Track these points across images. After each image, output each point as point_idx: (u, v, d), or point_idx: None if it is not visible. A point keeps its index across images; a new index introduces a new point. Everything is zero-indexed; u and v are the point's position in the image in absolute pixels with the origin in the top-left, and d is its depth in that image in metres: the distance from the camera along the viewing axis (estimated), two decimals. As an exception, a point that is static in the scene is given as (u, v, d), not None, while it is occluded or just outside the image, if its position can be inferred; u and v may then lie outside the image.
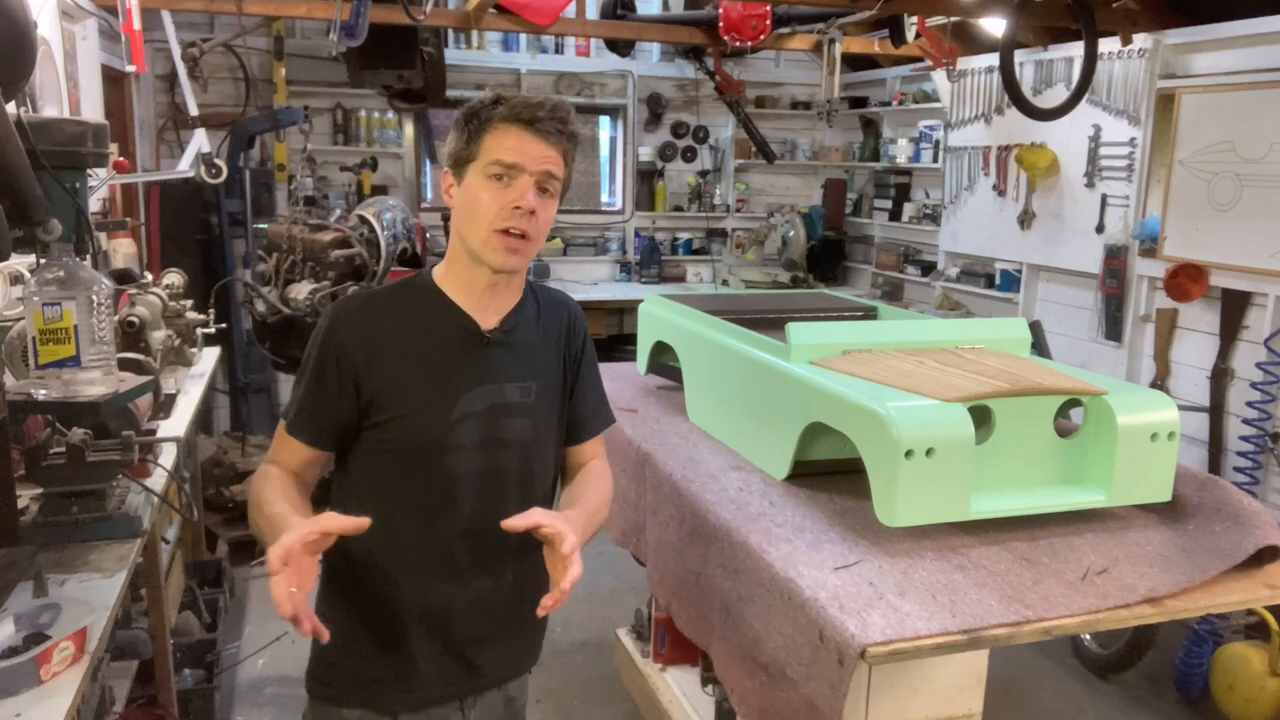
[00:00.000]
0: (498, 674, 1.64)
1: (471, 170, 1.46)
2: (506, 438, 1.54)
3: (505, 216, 1.43)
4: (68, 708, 1.44)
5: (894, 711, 1.99)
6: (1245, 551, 1.63)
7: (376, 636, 1.54)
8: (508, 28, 5.10)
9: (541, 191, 1.45)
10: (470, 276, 1.51)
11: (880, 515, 1.63)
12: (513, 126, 1.44)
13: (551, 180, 1.46)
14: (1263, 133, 3.65)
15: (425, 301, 1.52)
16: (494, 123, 1.45)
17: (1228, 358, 3.89)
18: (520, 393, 1.55)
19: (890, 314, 2.57)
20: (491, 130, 1.45)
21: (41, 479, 1.98)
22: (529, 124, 1.43)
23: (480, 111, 1.46)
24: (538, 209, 1.44)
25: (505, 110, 1.45)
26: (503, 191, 1.43)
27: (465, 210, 1.47)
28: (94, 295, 1.84)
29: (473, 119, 1.47)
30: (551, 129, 1.45)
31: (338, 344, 1.47)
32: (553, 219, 1.51)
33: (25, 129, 1.83)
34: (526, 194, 1.43)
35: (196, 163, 4.36)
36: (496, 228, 1.43)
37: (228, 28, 5.23)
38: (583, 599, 4.09)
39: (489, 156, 1.44)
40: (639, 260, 6.48)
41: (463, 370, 1.50)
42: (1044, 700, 3.46)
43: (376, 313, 1.51)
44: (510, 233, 1.44)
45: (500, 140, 1.44)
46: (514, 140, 1.43)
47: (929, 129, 5.85)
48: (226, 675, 3.36)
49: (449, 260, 1.54)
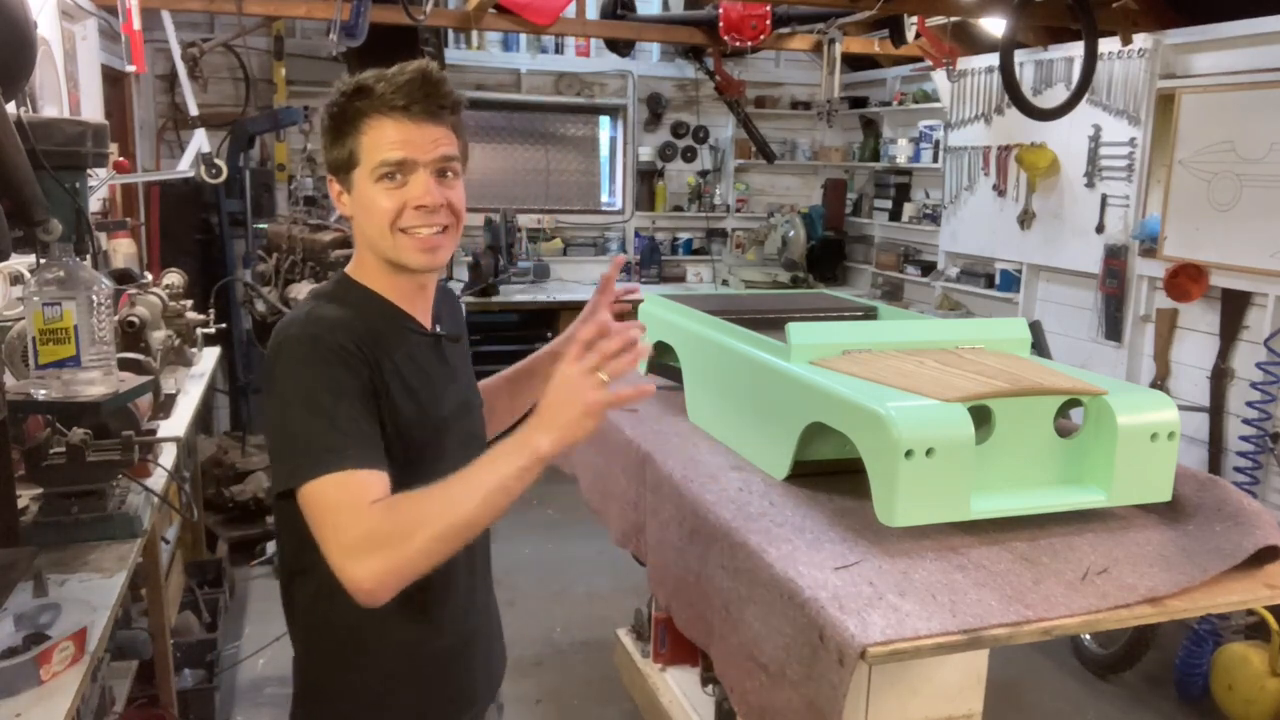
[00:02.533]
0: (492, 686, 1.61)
1: (358, 176, 1.30)
2: (474, 432, 1.50)
3: (410, 219, 1.29)
4: (68, 708, 1.44)
5: (894, 711, 1.99)
6: (1245, 551, 1.63)
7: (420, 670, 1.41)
8: (508, 28, 5.10)
9: (441, 176, 1.31)
10: (396, 281, 1.37)
11: (880, 515, 1.63)
12: (387, 118, 1.27)
13: (449, 161, 1.31)
14: (1263, 133, 3.65)
15: (375, 308, 1.36)
16: (365, 118, 1.28)
17: (1228, 358, 3.89)
18: (469, 387, 1.52)
19: (890, 314, 2.57)
20: (366, 128, 1.28)
21: (41, 479, 1.98)
22: (405, 110, 1.27)
23: (346, 108, 1.29)
24: (445, 198, 1.30)
25: (373, 102, 1.27)
26: (399, 191, 1.28)
27: (366, 219, 1.31)
28: (94, 295, 1.84)
29: (340, 118, 1.30)
30: (432, 107, 1.29)
31: (340, 349, 1.25)
32: (463, 195, 1.35)
33: (25, 129, 1.83)
34: (429, 188, 1.28)
35: (196, 163, 4.36)
36: (405, 231, 1.30)
37: (228, 28, 5.23)
38: (583, 599, 4.09)
39: (373, 158, 1.28)
40: (639, 260, 6.48)
41: (435, 373, 1.41)
42: (1044, 700, 3.46)
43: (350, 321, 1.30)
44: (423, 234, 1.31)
45: (379, 136, 1.27)
46: (394, 133, 1.27)
47: (929, 129, 5.85)
48: (226, 675, 3.36)
49: (365, 268, 1.37)
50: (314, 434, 1.19)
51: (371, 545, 1.12)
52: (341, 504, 1.15)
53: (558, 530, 4.71)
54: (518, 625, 3.84)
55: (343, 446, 1.18)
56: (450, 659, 1.46)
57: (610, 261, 1.76)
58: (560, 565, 4.37)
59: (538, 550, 4.46)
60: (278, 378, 1.24)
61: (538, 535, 4.62)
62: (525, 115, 6.39)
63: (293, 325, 1.28)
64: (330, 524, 1.15)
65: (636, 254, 6.52)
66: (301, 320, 1.29)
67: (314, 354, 1.24)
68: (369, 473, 1.18)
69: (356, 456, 1.18)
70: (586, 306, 1.60)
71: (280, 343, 1.27)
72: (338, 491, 1.16)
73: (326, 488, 1.16)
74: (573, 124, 6.57)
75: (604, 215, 6.67)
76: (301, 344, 1.25)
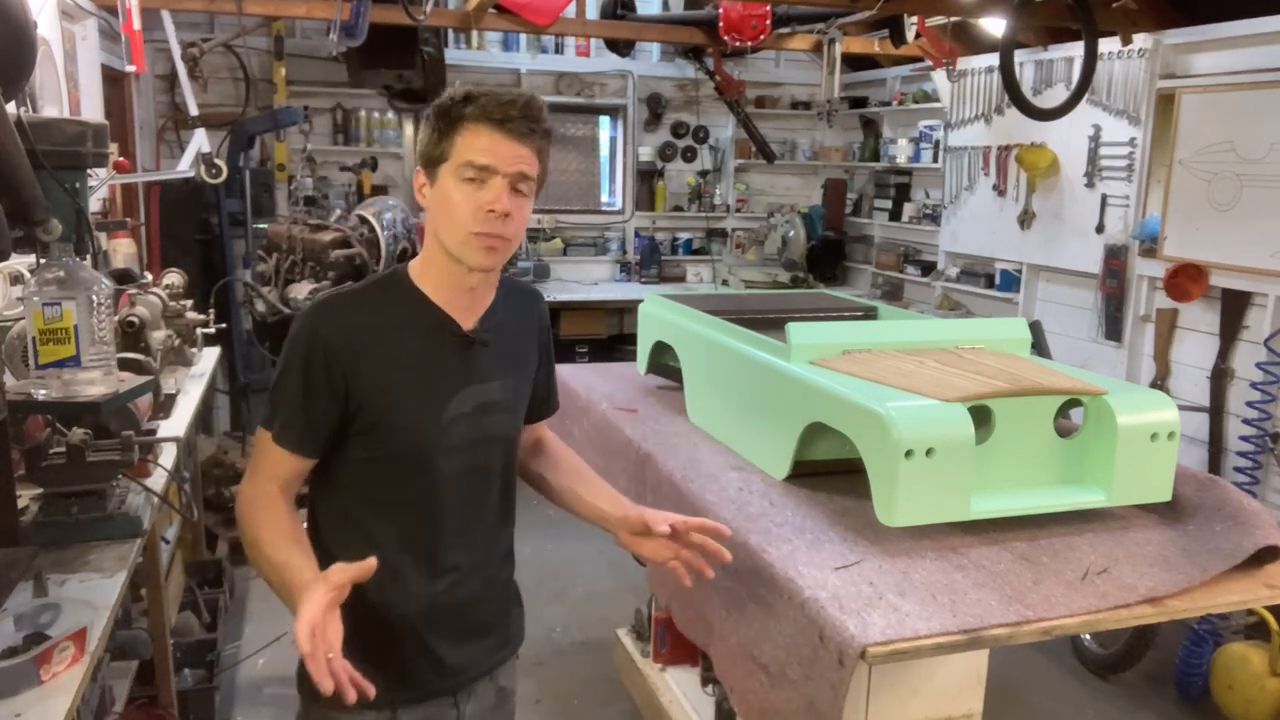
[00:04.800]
0: (488, 663, 1.65)
1: (444, 171, 1.42)
2: (493, 434, 1.55)
3: (480, 220, 1.40)
4: (68, 708, 1.44)
5: (894, 711, 1.99)
6: (1245, 551, 1.63)
7: (370, 639, 1.49)
8: (508, 28, 5.10)
9: (515, 192, 1.42)
10: (450, 276, 1.48)
11: (880, 515, 1.63)
12: (484, 126, 1.40)
13: (525, 180, 1.43)
14: (1263, 133, 3.65)
15: (406, 301, 1.49)
16: (465, 122, 1.40)
17: (1228, 358, 3.89)
18: (502, 390, 1.55)
19: (890, 314, 2.57)
20: (463, 130, 1.41)
21: (41, 479, 1.98)
22: (500, 124, 1.39)
23: (451, 110, 1.42)
24: (512, 210, 1.41)
25: (476, 109, 1.40)
26: (476, 193, 1.40)
27: (440, 212, 1.44)
28: (94, 295, 1.84)
29: (443, 117, 1.42)
30: (524, 128, 1.41)
31: (324, 342, 1.42)
32: (528, 217, 1.48)
33: (25, 129, 1.83)
34: (501, 196, 1.40)
35: (196, 163, 4.36)
36: (472, 230, 1.41)
37: (228, 28, 5.24)
38: (583, 599, 4.09)
39: (461, 158, 1.40)
40: (639, 260, 6.48)
41: (451, 372, 1.49)
42: (1044, 700, 3.46)
43: (359, 311, 1.47)
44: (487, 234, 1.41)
45: (472, 141, 1.40)
46: (486, 141, 1.40)
47: (929, 129, 5.85)
48: (226, 675, 3.36)
49: (426, 260, 1.51)
50: (276, 401, 1.45)
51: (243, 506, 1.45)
52: (258, 458, 1.47)
53: (558, 530, 4.69)
54: (518, 625, 3.84)
55: (285, 420, 1.44)
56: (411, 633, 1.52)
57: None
58: (560, 565, 4.37)
59: (538, 550, 4.46)
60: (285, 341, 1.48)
61: (538, 535, 4.61)
62: (525, 115, 6.39)
63: (311, 305, 1.51)
64: (253, 464, 1.48)
65: (636, 254, 6.52)
66: (316, 305, 1.49)
67: (300, 335, 1.44)
68: (282, 452, 1.44)
69: (286, 435, 1.44)
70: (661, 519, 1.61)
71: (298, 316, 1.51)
72: (262, 448, 1.47)
73: (264, 440, 1.47)
74: (573, 124, 6.57)
75: (604, 215, 6.67)
76: (299, 322, 1.46)
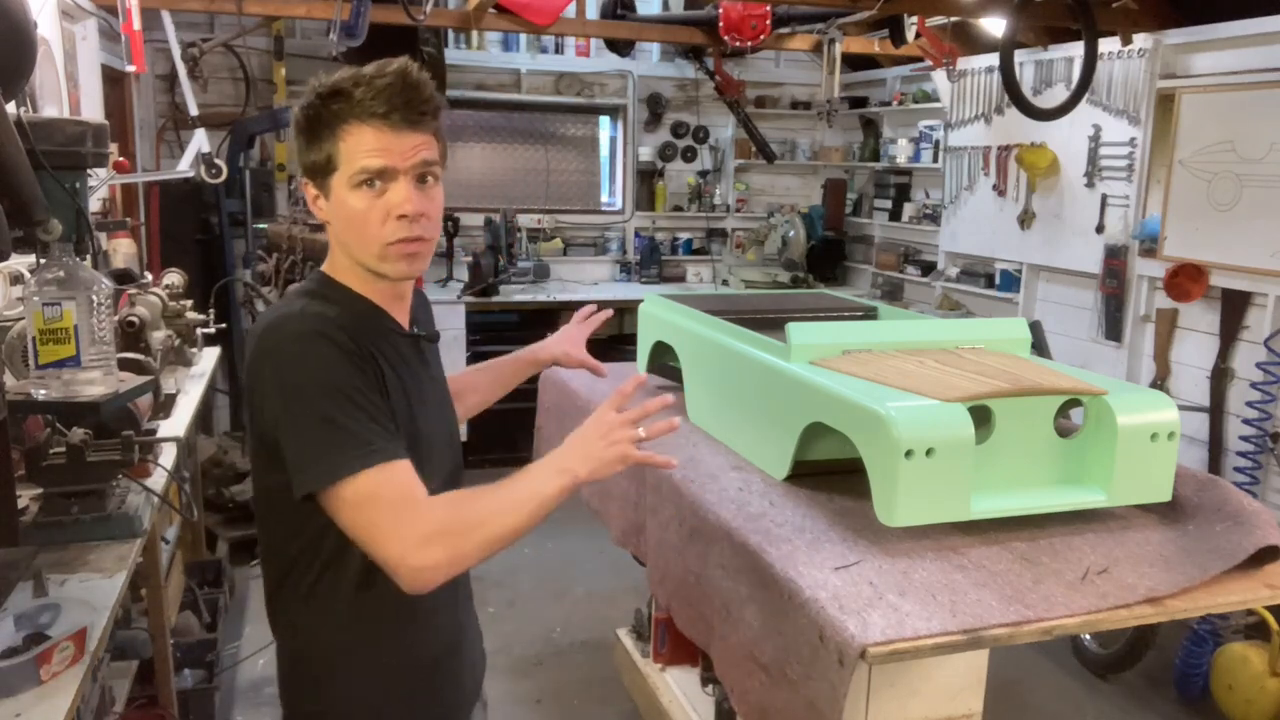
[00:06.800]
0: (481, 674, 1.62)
1: (336, 181, 1.26)
2: (453, 430, 1.51)
3: (392, 229, 1.26)
4: (68, 708, 1.44)
5: (894, 711, 1.99)
6: (1245, 551, 1.63)
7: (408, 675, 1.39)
8: (508, 28, 5.10)
9: (421, 182, 1.28)
10: (375, 286, 1.34)
11: (880, 515, 1.63)
12: (367, 125, 1.23)
13: (429, 167, 1.28)
14: (1263, 133, 3.65)
15: (358, 308, 1.33)
16: (343, 123, 1.24)
17: (1228, 358, 3.89)
18: (445, 387, 1.53)
19: (890, 314, 2.57)
20: (344, 133, 1.24)
21: (41, 479, 1.98)
22: (385, 117, 1.23)
23: (322, 112, 1.24)
24: (424, 206, 1.27)
25: (352, 107, 1.23)
26: (379, 200, 1.25)
27: (345, 226, 1.28)
28: (94, 295, 1.84)
29: (315, 122, 1.25)
30: (413, 115, 1.25)
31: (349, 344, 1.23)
32: (443, 204, 1.33)
33: (25, 129, 1.83)
34: (408, 196, 1.25)
35: (196, 163, 4.36)
36: (386, 242, 1.27)
37: (228, 28, 5.23)
38: (583, 599, 4.10)
39: (352, 165, 1.24)
40: (639, 260, 6.48)
41: (421, 372, 1.41)
42: (1044, 700, 3.46)
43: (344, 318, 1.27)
44: (403, 241, 1.27)
45: (357, 143, 1.23)
46: (373, 140, 1.23)
47: (929, 129, 5.85)
48: (226, 675, 3.36)
49: (341, 271, 1.34)
50: (344, 429, 1.17)
51: (439, 536, 1.16)
52: (398, 497, 1.17)
53: (558, 530, 4.69)
54: (518, 625, 3.84)
55: (377, 440, 1.18)
56: (439, 667, 1.46)
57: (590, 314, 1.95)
58: (560, 565, 4.37)
59: (538, 550, 4.46)
60: (284, 376, 1.21)
61: (538, 535, 4.58)
62: (525, 115, 6.38)
63: (288, 322, 1.24)
64: (390, 516, 1.16)
65: (636, 254, 6.52)
66: (298, 316, 1.25)
67: (324, 350, 1.21)
68: (405, 464, 1.20)
69: (392, 450, 1.19)
70: (562, 334, 1.82)
71: (277, 341, 1.23)
72: (388, 485, 1.17)
73: (372, 482, 1.16)
74: (573, 124, 6.57)
75: (604, 215, 6.66)
76: (305, 340, 1.21)
